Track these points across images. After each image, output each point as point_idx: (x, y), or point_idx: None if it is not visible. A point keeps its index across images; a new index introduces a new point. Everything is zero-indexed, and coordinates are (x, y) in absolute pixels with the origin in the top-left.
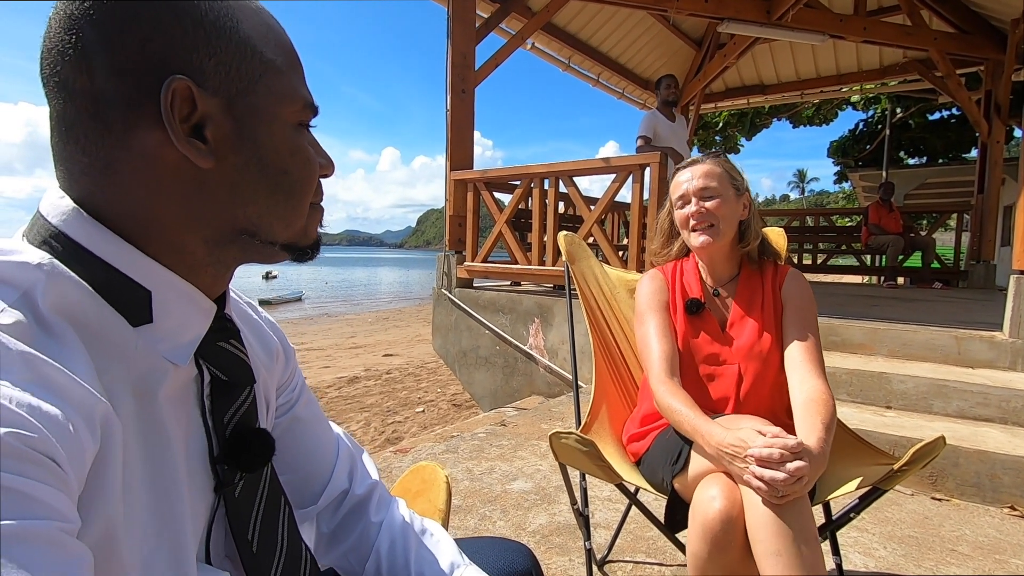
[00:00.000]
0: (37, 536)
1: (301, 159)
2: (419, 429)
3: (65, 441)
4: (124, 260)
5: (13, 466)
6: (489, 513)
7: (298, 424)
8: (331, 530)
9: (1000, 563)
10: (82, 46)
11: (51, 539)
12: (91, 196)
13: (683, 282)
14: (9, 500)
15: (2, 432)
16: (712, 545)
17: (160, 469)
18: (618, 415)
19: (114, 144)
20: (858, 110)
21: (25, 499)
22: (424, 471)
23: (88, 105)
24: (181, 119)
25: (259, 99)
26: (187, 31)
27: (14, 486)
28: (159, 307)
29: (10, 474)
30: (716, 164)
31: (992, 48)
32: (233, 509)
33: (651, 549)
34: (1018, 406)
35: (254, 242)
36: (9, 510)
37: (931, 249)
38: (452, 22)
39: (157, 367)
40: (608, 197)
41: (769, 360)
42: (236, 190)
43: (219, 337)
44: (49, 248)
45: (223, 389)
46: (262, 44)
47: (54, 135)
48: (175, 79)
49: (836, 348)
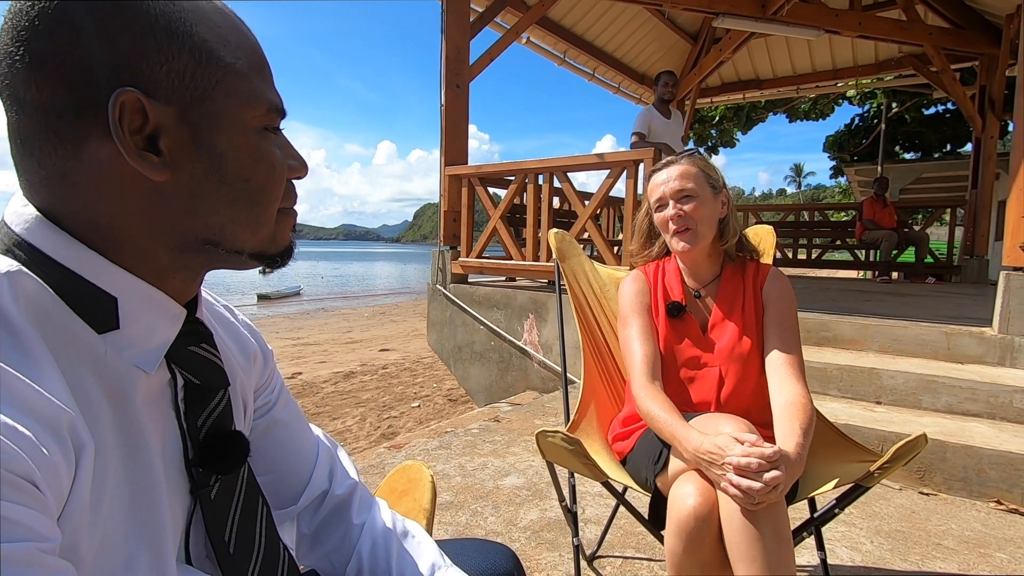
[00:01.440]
0: (18, 558)
1: (265, 165)
2: (415, 424)
3: (41, 463)
4: (88, 267)
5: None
6: (481, 509)
7: (277, 426)
8: (312, 531)
9: (985, 557)
10: (29, 57)
11: (31, 560)
12: (52, 205)
13: (665, 283)
14: None
15: None
16: (687, 541)
17: (139, 471)
18: (606, 413)
19: (67, 156)
20: (854, 105)
21: (6, 522)
22: (410, 470)
23: (39, 117)
24: (132, 131)
25: (217, 105)
26: (136, 38)
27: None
28: (126, 313)
29: None
30: (691, 164)
31: (987, 43)
32: (209, 511)
33: (640, 545)
34: (1005, 401)
35: (219, 251)
36: None
37: (925, 244)
38: (446, 16)
39: (128, 373)
40: (602, 193)
41: (749, 362)
42: (196, 200)
43: (190, 341)
44: (13, 256)
45: (196, 393)
46: (220, 47)
47: (12, 146)
48: (123, 91)
49: (828, 344)
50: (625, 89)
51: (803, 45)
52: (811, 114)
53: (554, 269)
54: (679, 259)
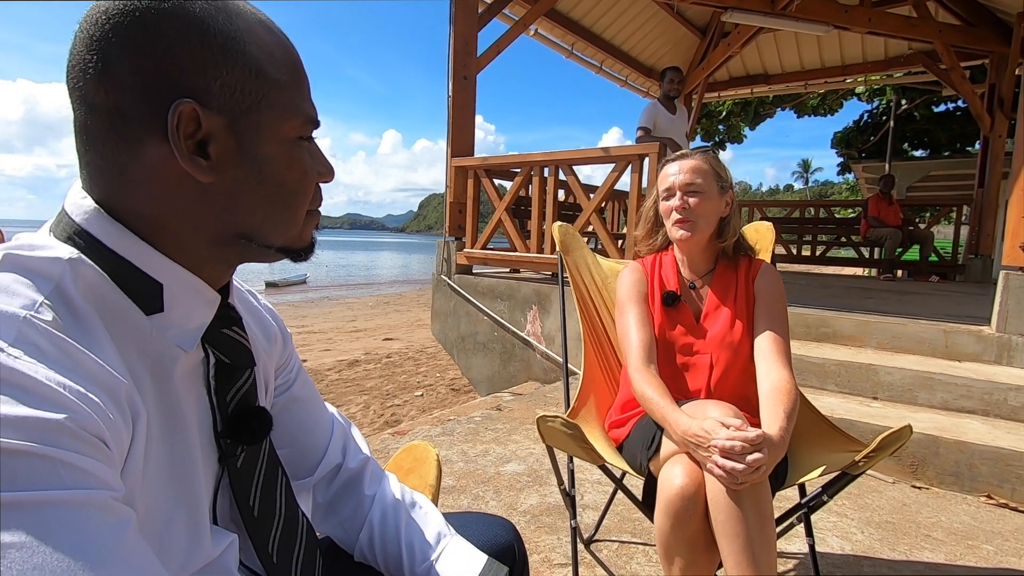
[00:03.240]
0: (91, 503)
1: (298, 172)
2: (418, 412)
3: (108, 425)
4: (138, 255)
5: (71, 445)
6: (482, 493)
7: (295, 403)
8: (327, 501)
9: (971, 548)
10: (102, 65)
11: (103, 505)
12: (109, 197)
13: (661, 274)
14: (70, 473)
15: (62, 417)
16: (674, 519)
17: (177, 440)
18: (604, 401)
19: (127, 153)
20: (863, 101)
21: (83, 473)
22: (416, 450)
23: (106, 118)
24: (186, 137)
25: (261, 117)
26: (196, 55)
27: (73, 462)
28: (169, 298)
29: (70, 452)
30: (704, 160)
31: (997, 41)
32: (236, 478)
33: (636, 530)
34: (1000, 399)
35: (252, 246)
36: (71, 481)
37: (929, 242)
38: (454, 7)
39: (169, 351)
40: (607, 187)
41: (739, 350)
42: (235, 200)
43: (223, 324)
44: (74, 243)
45: (226, 371)
46: (267, 64)
47: (78, 140)
48: (182, 103)
49: (827, 339)
50: (632, 82)
51: (812, 40)
52: (819, 110)
53: (557, 261)
54: (676, 250)
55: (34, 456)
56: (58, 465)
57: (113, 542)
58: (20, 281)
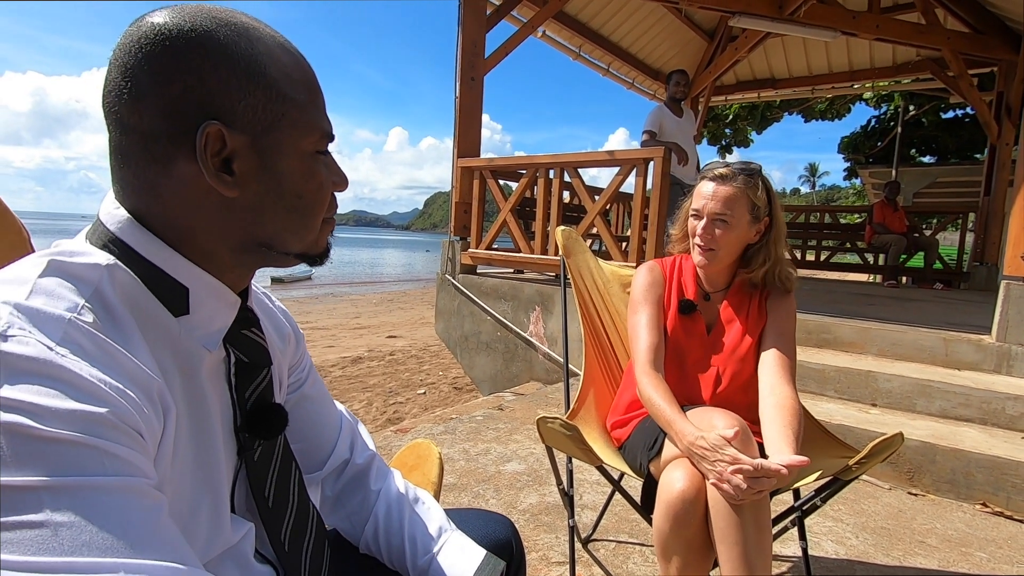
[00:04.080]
0: (130, 488)
1: (315, 184)
2: (420, 410)
3: (143, 418)
4: (167, 262)
5: (113, 436)
6: (483, 492)
7: (306, 400)
8: (335, 494)
9: (965, 555)
10: (136, 91)
11: (141, 490)
12: (140, 210)
13: (681, 280)
14: (112, 462)
15: (104, 411)
16: (673, 521)
17: (203, 434)
18: (604, 403)
19: (159, 171)
20: (870, 106)
21: (122, 462)
22: (419, 447)
23: (139, 139)
24: (212, 155)
25: (281, 134)
26: (222, 79)
27: (115, 451)
28: (195, 301)
29: (111, 442)
30: (740, 191)
31: (1006, 49)
32: (253, 470)
33: (634, 530)
34: (998, 408)
35: (271, 253)
36: (112, 469)
37: (934, 250)
38: (463, 9)
39: (196, 351)
40: (611, 190)
41: (745, 364)
42: (257, 212)
43: (243, 326)
44: (109, 250)
45: (245, 369)
46: (286, 85)
47: (112, 158)
48: (209, 124)
49: (828, 345)
50: (639, 85)
51: (820, 46)
52: (827, 114)
53: (560, 265)
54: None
55: (81, 445)
56: (101, 454)
57: (150, 524)
58: (63, 285)
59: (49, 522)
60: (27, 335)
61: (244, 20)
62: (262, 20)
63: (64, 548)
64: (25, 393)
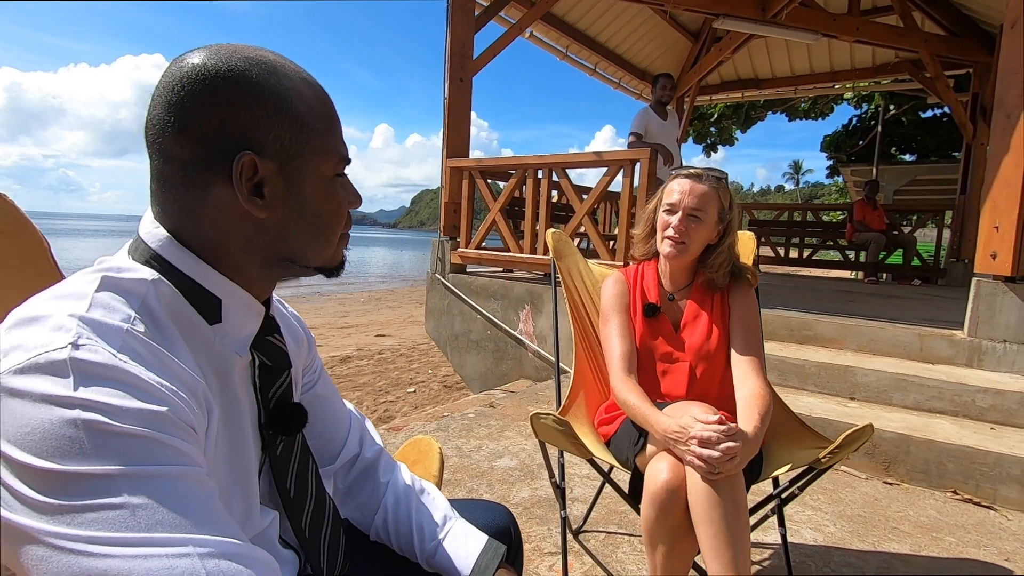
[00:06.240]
0: (189, 476)
1: (333, 204)
2: (410, 409)
3: (194, 415)
4: (202, 276)
5: (173, 431)
6: (476, 487)
7: (318, 399)
8: (346, 487)
9: (936, 540)
10: (178, 125)
11: (197, 478)
12: (178, 229)
13: (643, 286)
14: (174, 453)
15: (164, 409)
16: (658, 510)
17: (236, 431)
18: (594, 399)
19: (197, 195)
20: (852, 106)
21: (182, 453)
22: (420, 443)
23: (180, 167)
24: (246, 180)
25: (305, 160)
26: (254, 114)
27: (175, 445)
28: (227, 310)
29: (173, 436)
30: (715, 191)
31: (981, 51)
32: (275, 464)
33: (623, 521)
34: (968, 400)
35: (294, 266)
36: (175, 459)
37: (912, 247)
38: (451, 9)
39: (228, 356)
40: (599, 191)
41: (716, 358)
42: (283, 231)
43: (266, 332)
44: (151, 266)
45: (269, 372)
46: (309, 116)
47: (154, 183)
48: (244, 154)
49: (809, 342)
50: (626, 84)
51: (802, 47)
52: (810, 113)
53: (551, 266)
54: (660, 262)
55: (148, 439)
56: (165, 447)
57: (208, 507)
58: (116, 299)
59: (128, 504)
60: (94, 344)
61: (272, 58)
62: (287, 56)
63: (141, 526)
64: (99, 394)
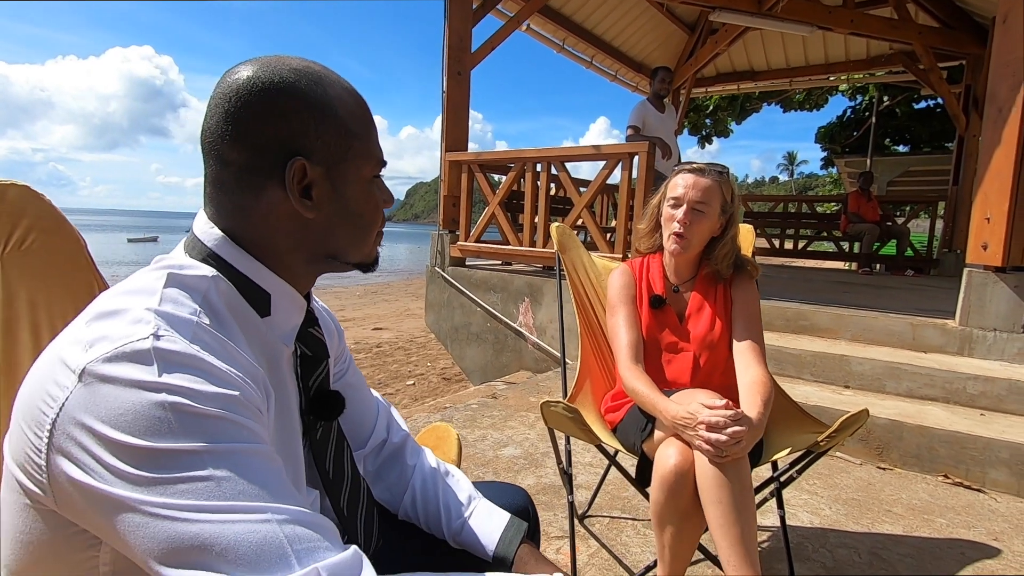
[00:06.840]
0: (262, 452)
1: (372, 204)
2: (410, 401)
3: (259, 400)
4: (253, 272)
5: (245, 413)
6: (482, 475)
7: (348, 388)
8: (375, 469)
9: (927, 522)
10: (235, 132)
11: (268, 455)
12: (232, 229)
13: (649, 278)
14: (248, 432)
15: (237, 393)
16: (668, 492)
17: (285, 415)
18: (600, 388)
19: (251, 197)
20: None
21: (254, 433)
22: (439, 429)
23: (235, 171)
24: (297, 183)
25: (348, 164)
26: (304, 121)
27: (248, 425)
28: (275, 304)
29: (246, 418)
30: (719, 186)
31: (974, 43)
32: (315, 447)
33: (626, 506)
34: (959, 387)
35: (336, 263)
36: (250, 437)
37: (905, 238)
38: (449, 3)
39: (277, 347)
40: (597, 183)
41: (719, 347)
42: (327, 229)
43: (307, 325)
44: (208, 263)
45: (309, 362)
46: (351, 122)
47: (209, 186)
48: (296, 159)
49: (805, 332)
50: (622, 77)
51: (797, 39)
52: (805, 105)
53: (549, 254)
54: (665, 255)
55: (226, 420)
56: (240, 427)
57: (279, 480)
58: (182, 294)
59: (213, 476)
60: (172, 334)
61: (317, 69)
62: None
63: (226, 495)
64: (181, 379)
